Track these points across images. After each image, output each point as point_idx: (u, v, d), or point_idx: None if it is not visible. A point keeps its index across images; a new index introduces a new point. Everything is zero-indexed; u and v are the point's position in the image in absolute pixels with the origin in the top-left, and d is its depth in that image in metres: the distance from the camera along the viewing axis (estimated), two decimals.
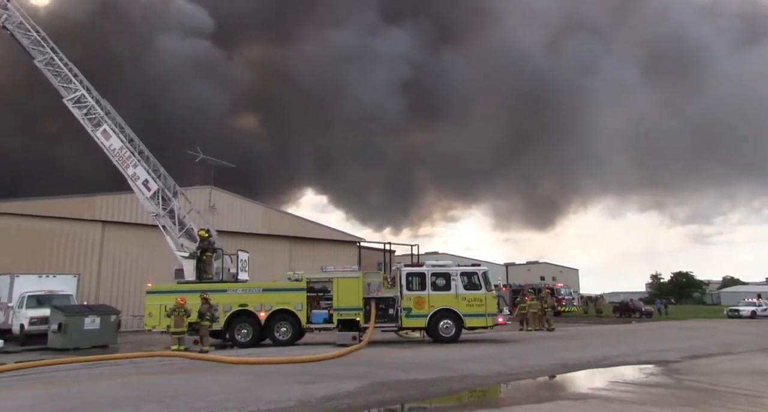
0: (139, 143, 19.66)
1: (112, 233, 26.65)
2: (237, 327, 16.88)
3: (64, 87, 19.65)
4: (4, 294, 19.87)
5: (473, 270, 17.73)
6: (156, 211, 18.95)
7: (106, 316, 17.93)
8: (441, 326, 16.90)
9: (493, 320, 17.15)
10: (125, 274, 26.56)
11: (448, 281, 17.24)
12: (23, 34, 19.88)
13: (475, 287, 17.21)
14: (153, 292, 17.42)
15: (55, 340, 16.96)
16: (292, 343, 16.83)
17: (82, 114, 19.42)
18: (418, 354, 14.08)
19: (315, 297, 17.49)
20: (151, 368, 12.00)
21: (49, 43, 20.04)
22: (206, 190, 29.63)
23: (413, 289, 17.25)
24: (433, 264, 18.13)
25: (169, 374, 11.10)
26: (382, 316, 17.01)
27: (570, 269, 79.65)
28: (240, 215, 31.15)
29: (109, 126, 19.28)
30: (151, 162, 19.56)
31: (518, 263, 76.08)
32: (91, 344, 16.98)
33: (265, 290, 17.41)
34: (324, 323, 17.05)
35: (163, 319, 16.41)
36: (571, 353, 13.89)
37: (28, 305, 19.03)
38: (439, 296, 17.06)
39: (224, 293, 17.04)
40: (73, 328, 16.87)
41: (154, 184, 19.00)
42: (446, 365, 11.52)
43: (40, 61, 19.73)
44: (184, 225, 19.15)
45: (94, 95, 19.79)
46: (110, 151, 19.25)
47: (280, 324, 16.95)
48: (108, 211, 26.51)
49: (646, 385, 9.40)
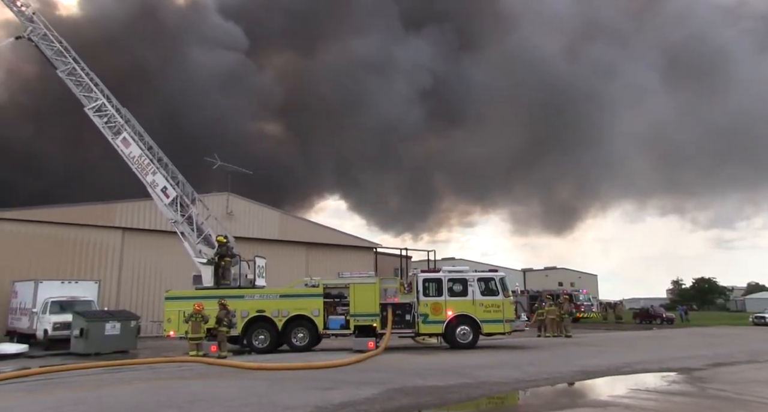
0: (158, 151, 19.94)
1: (131, 240, 27.01)
2: (254, 333, 16.97)
3: (86, 96, 20.04)
4: (28, 300, 20.25)
5: (490, 276, 17.61)
6: (174, 217, 19.17)
7: (126, 321, 18.16)
8: (458, 332, 16.79)
9: (511, 326, 17.00)
10: (144, 280, 26.88)
11: (465, 286, 17.15)
12: (47, 45, 20.36)
13: (492, 293, 17.09)
14: (171, 298, 17.60)
15: (77, 345, 17.22)
16: (309, 349, 16.85)
17: (102, 122, 19.77)
18: (435, 360, 14.01)
19: (332, 303, 17.51)
20: (169, 373, 12.11)
21: (71, 54, 20.48)
22: (224, 197, 29.91)
23: (430, 295, 17.18)
24: (450, 270, 18.04)
25: (187, 379, 11.19)
26: (398, 322, 16.95)
27: (589, 274, 78.64)
28: (257, 221, 31.37)
29: (128, 134, 19.60)
30: (169, 169, 19.82)
31: (536, 269, 75.40)
32: (112, 349, 17.19)
33: (282, 296, 17.48)
34: (341, 329, 17.05)
35: (181, 324, 16.57)
36: (591, 360, 13.71)
37: (51, 310, 19.37)
38: (456, 302, 16.97)
39: (242, 298, 17.15)
40: (95, 333, 17.11)
41: (173, 191, 19.24)
42: (463, 372, 11.44)
43: (62, 71, 20.17)
44: (202, 231, 19.34)
45: (114, 104, 20.15)
46: (130, 158, 19.55)
47: (297, 330, 16.99)
48: (128, 218, 26.89)
49: (668, 393, 9.23)
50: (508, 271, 27.21)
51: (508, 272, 21.89)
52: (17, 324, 20.92)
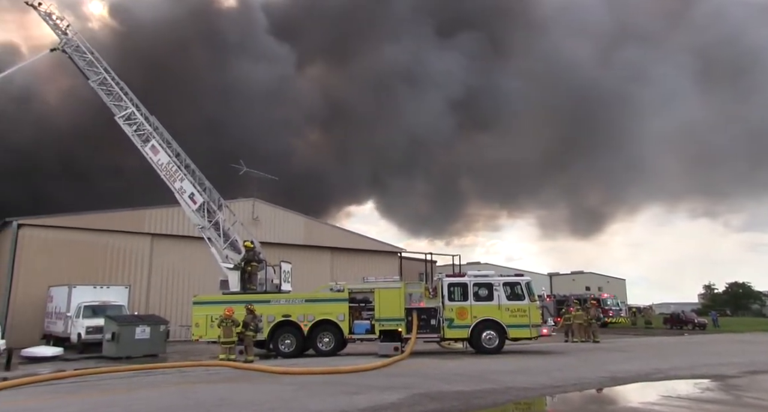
0: (185, 158, 20.33)
1: (160, 245, 27.54)
2: (281, 337, 17.11)
3: (116, 105, 20.59)
4: (63, 304, 20.82)
5: (516, 280, 17.45)
6: (202, 223, 19.50)
7: (156, 326, 18.50)
8: (484, 337, 16.67)
9: (538, 331, 16.81)
10: (173, 285, 27.35)
11: (491, 291, 17.02)
12: (80, 56, 21.04)
13: (518, 298, 16.93)
14: (199, 303, 17.88)
15: (109, 348, 17.62)
16: (334, 353, 16.93)
17: (132, 130, 20.26)
18: (461, 365, 13.92)
19: (357, 308, 17.55)
20: (198, 377, 12.29)
21: (102, 64, 21.09)
22: (249, 203, 30.29)
23: (455, 299, 17.10)
24: (475, 274, 17.93)
25: (215, 383, 11.34)
26: (424, 326, 16.91)
27: (617, 278, 77.18)
28: (282, 226, 31.68)
29: (157, 141, 20.04)
30: (196, 176, 20.18)
31: (562, 273, 74.30)
32: (142, 353, 17.54)
33: (307, 300, 17.61)
34: (366, 333, 17.08)
35: (209, 329, 16.82)
36: (620, 366, 13.43)
37: (84, 314, 19.89)
38: (482, 307, 16.85)
39: (268, 303, 17.32)
40: (126, 337, 17.49)
41: (200, 198, 19.57)
42: (490, 377, 11.35)
43: (94, 81, 20.78)
44: (229, 237, 19.62)
45: (143, 112, 20.64)
46: (158, 165, 19.98)
47: (322, 334, 17.08)
48: (157, 224, 27.43)
49: (701, 400, 8.99)
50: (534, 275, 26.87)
51: (534, 276, 21.63)
52: (53, 328, 21.52)
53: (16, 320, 22.53)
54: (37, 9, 21.69)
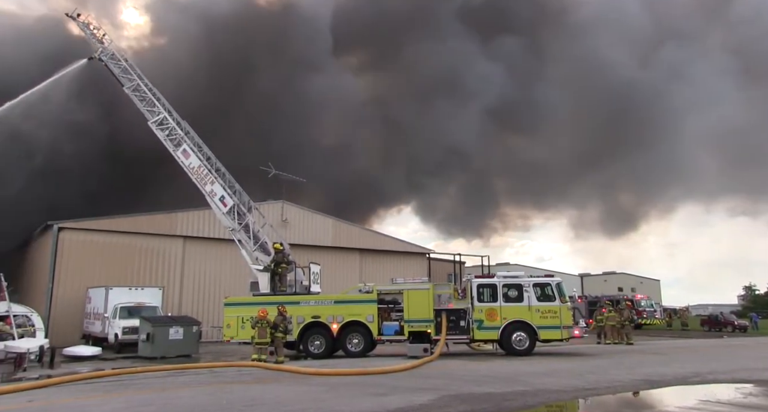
0: (215, 161, 20.70)
1: (192, 248, 28.08)
2: (310, 339, 17.24)
3: (149, 110, 21.10)
4: (100, 305, 21.45)
5: (546, 281, 17.20)
6: (232, 225, 19.80)
7: (189, 327, 18.87)
8: (514, 338, 16.48)
9: (569, 333, 16.52)
10: (204, 286, 27.86)
11: (521, 292, 16.82)
12: (114, 64, 21.68)
13: (548, 299, 16.68)
14: (230, 304, 18.16)
15: (144, 349, 18.06)
16: (363, 354, 16.97)
17: (164, 135, 20.74)
18: (490, 367, 13.79)
19: (386, 309, 17.56)
20: (230, 377, 12.48)
21: (135, 71, 21.67)
22: (278, 205, 30.64)
23: (484, 300, 16.95)
24: (505, 275, 17.76)
25: (247, 383, 11.50)
26: (453, 328, 16.80)
27: (651, 279, 75.28)
28: (311, 228, 31.96)
29: (188, 145, 20.45)
30: (227, 179, 20.52)
31: (594, 274, 72.88)
32: (176, 353, 17.91)
33: (336, 302, 17.70)
34: (395, 334, 17.07)
35: (240, 330, 17.06)
36: (656, 369, 13.09)
37: (120, 315, 20.45)
38: (512, 308, 16.66)
39: (297, 305, 17.46)
40: (160, 338, 17.89)
41: (230, 200, 19.89)
42: (520, 379, 11.21)
43: (128, 87, 21.36)
44: (259, 239, 19.88)
45: (175, 117, 21.10)
46: (189, 169, 20.39)
47: (352, 336, 17.14)
48: (188, 226, 27.99)
49: (744, 406, 8.68)
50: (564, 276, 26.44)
51: (564, 277, 21.29)
52: (91, 328, 22.19)
53: (57, 320, 23.28)
54: (76, 20, 22.49)
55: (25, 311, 17.89)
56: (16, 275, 26.97)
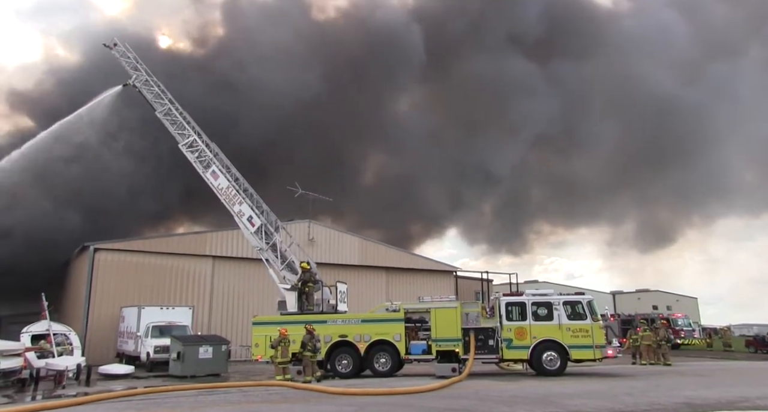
0: (243, 182, 21.08)
1: (221, 267, 28.48)
2: (338, 358, 17.21)
3: (179, 133, 21.71)
4: (133, 324, 21.86)
5: (577, 299, 16.87)
6: (260, 245, 20.05)
7: (218, 346, 19.04)
8: (544, 358, 16.14)
9: (602, 353, 16.10)
10: (233, 305, 28.15)
11: (550, 310, 16.53)
12: (147, 89, 22.46)
13: (579, 317, 16.34)
14: (258, 323, 18.29)
15: (174, 367, 18.28)
16: (391, 374, 16.83)
17: (194, 157, 21.26)
18: (521, 387, 13.51)
19: (413, 328, 17.45)
20: (258, 396, 12.52)
21: (167, 96, 22.39)
22: (305, 224, 30.92)
23: (513, 319, 16.71)
24: (534, 293, 17.48)
25: (275, 403, 11.51)
26: (481, 347, 16.58)
27: (688, 297, 72.78)
28: (337, 247, 32.10)
29: (217, 167, 20.91)
30: (254, 199, 20.85)
31: (627, 292, 70.93)
32: (206, 372, 18.07)
33: (363, 320, 17.66)
34: (423, 354, 16.92)
35: (268, 349, 17.14)
36: (698, 392, 12.50)
37: (152, 334, 20.79)
38: (542, 327, 16.37)
39: (325, 323, 17.48)
40: (190, 357, 18.09)
41: (258, 220, 20.18)
42: (552, 400, 10.95)
43: (160, 112, 22.07)
44: (286, 258, 20.05)
45: (204, 139, 21.64)
46: (218, 190, 20.82)
47: (379, 355, 17.05)
48: (217, 246, 28.43)
49: None
50: (595, 294, 25.86)
51: (595, 295, 20.82)
52: (125, 347, 22.59)
53: (93, 338, 23.81)
54: (112, 49, 23.44)
55: (64, 330, 18.42)
56: (56, 295, 27.81)
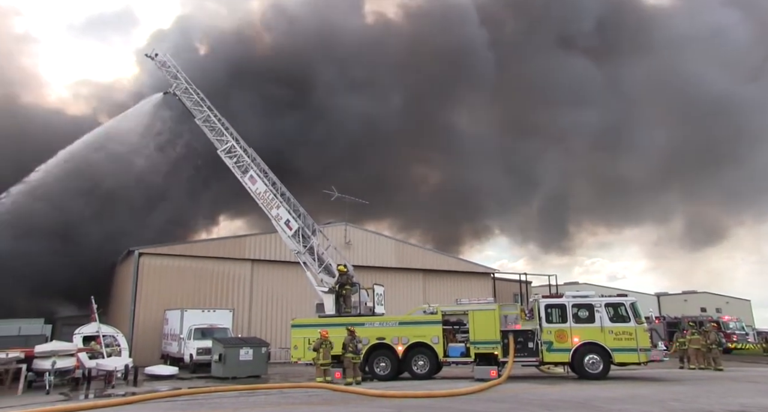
0: (280, 186, 21.41)
1: (260, 270, 28.98)
2: (375, 360, 17.25)
3: (218, 139, 22.24)
4: (176, 327, 22.47)
5: (619, 301, 16.41)
6: (297, 248, 20.30)
7: (258, 348, 19.35)
8: (586, 361, 15.77)
9: (647, 356, 15.61)
10: (272, 308, 28.59)
11: (592, 312, 16.14)
12: (187, 97, 23.13)
13: (622, 319, 15.90)
14: (297, 325, 18.52)
15: (216, 369, 18.68)
16: (429, 377, 16.76)
17: (232, 163, 21.73)
18: (562, 391, 13.23)
19: (451, 330, 17.35)
20: (298, 398, 12.66)
21: (206, 103, 23.01)
22: (341, 227, 31.15)
23: (553, 321, 16.40)
24: (574, 295, 17.11)
25: (314, 405, 11.61)
26: (521, 350, 16.33)
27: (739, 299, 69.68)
28: (374, 249, 32.20)
29: (255, 172, 21.31)
30: (291, 203, 21.14)
31: (672, 293, 68.56)
32: (246, 374, 18.39)
33: (401, 323, 17.65)
34: (461, 356, 16.78)
35: (307, 351, 17.32)
36: (754, 399, 11.83)
37: (194, 336, 21.30)
38: (583, 329, 16.00)
39: (362, 326, 17.52)
40: (231, 359, 18.44)
41: (295, 224, 20.43)
42: (595, 404, 10.68)
43: (199, 119, 22.69)
44: (323, 261, 20.24)
45: (242, 145, 22.09)
46: (256, 194, 21.20)
47: (417, 357, 17.00)
48: (256, 250, 28.94)
49: None
50: (638, 295, 25.03)
51: (639, 296, 20.17)
52: (169, 349, 23.24)
53: (139, 340, 24.60)
54: (154, 59, 24.26)
55: (112, 332, 19.14)
56: (103, 298, 28.87)
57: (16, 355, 15.42)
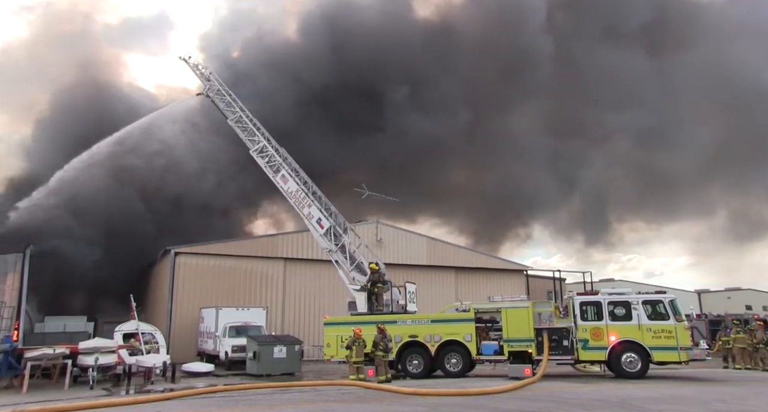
0: (312, 185, 21.58)
1: (292, 269, 29.28)
2: (408, 358, 17.24)
3: (250, 140, 22.58)
4: (212, 324, 22.90)
5: (658, 298, 15.97)
6: (329, 246, 20.44)
7: (291, 346, 19.57)
8: (624, 359, 15.40)
9: (688, 355, 15.13)
10: (304, 306, 28.86)
11: (629, 310, 15.75)
12: (220, 98, 23.58)
13: (661, 317, 15.47)
14: (330, 323, 18.65)
15: (251, 366, 18.98)
16: (462, 375, 16.66)
17: (264, 162, 22.02)
18: (599, 390, 12.96)
19: (484, 328, 17.19)
20: (332, 396, 12.73)
21: (238, 104, 23.41)
22: (373, 225, 31.22)
23: (588, 319, 16.08)
24: (610, 292, 16.73)
25: (348, 402, 11.66)
26: (555, 348, 16.06)
27: None
28: (405, 247, 32.17)
29: (286, 171, 21.54)
30: (323, 202, 21.29)
31: (714, 290, 66.29)
32: (280, 371, 18.63)
33: (433, 321, 17.59)
34: (494, 354, 16.63)
35: (340, 349, 17.43)
36: None
37: (229, 334, 21.66)
38: (620, 327, 15.64)
39: (395, 324, 17.56)
40: (265, 356, 18.71)
41: (327, 222, 20.58)
42: (634, 404, 10.41)
43: (231, 119, 23.09)
44: (355, 259, 20.32)
45: (273, 145, 22.37)
46: (288, 193, 21.44)
47: (450, 355, 16.92)
48: (289, 249, 29.25)
49: None
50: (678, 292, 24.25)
51: (678, 293, 19.52)
52: (205, 346, 23.72)
53: (176, 337, 25.18)
54: (187, 62, 24.83)
55: (151, 329, 19.65)
56: (142, 296, 29.69)
57: (62, 351, 16.09)
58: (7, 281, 19.94)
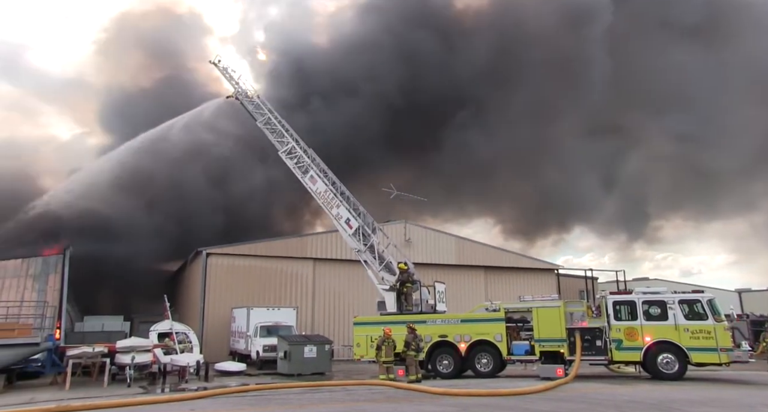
0: (340, 185, 21.69)
1: (321, 269, 29.48)
2: (438, 358, 17.17)
3: (278, 141, 22.85)
4: (243, 324, 23.26)
5: (695, 297, 15.51)
6: (358, 246, 20.51)
7: (321, 345, 19.70)
8: (660, 360, 15.01)
9: (728, 357, 14.64)
10: (334, 306, 29.02)
11: (664, 309, 15.35)
12: (248, 101, 23.93)
13: (699, 317, 15.02)
14: (359, 323, 18.72)
15: (282, 366, 19.19)
16: (493, 375, 16.51)
17: (293, 163, 22.24)
18: (634, 392, 12.67)
19: (514, 328, 17.00)
20: (362, 395, 12.78)
21: (266, 106, 23.70)
22: (401, 225, 31.19)
23: (622, 319, 15.73)
24: (644, 291, 16.33)
25: (378, 402, 11.69)
26: (588, 348, 15.77)
27: None
28: (434, 246, 32.05)
29: (315, 172, 21.71)
30: (351, 202, 21.38)
31: (757, 289, 64.00)
32: (311, 371, 18.78)
33: (463, 320, 17.48)
34: (525, 354, 16.44)
35: (369, 349, 17.46)
36: None
37: (260, 334, 21.96)
38: (655, 327, 15.25)
39: (424, 324, 17.51)
40: (296, 356, 18.89)
41: (355, 222, 20.66)
42: (672, 407, 10.14)
43: (260, 121, 23.39)
44: (384, 259, 20.34)
45: (302, 146, 22.57)
46: (316, 194, 21.61)
47: (480, 355, 16.79)
48: (318, 249, 29.47)
49: None
50: (716, 292, 23.54)
51: (717, 293, 18.92)
52: (236, 346, 24.10)
53: (208, 337, 25.63)
54: (217, 66, 25.26)
55: (184, 329, 20.07)
56: (175, 296, 30.34)
57: (101, 349, 16.61)
58: (49, 282, 20.66)
